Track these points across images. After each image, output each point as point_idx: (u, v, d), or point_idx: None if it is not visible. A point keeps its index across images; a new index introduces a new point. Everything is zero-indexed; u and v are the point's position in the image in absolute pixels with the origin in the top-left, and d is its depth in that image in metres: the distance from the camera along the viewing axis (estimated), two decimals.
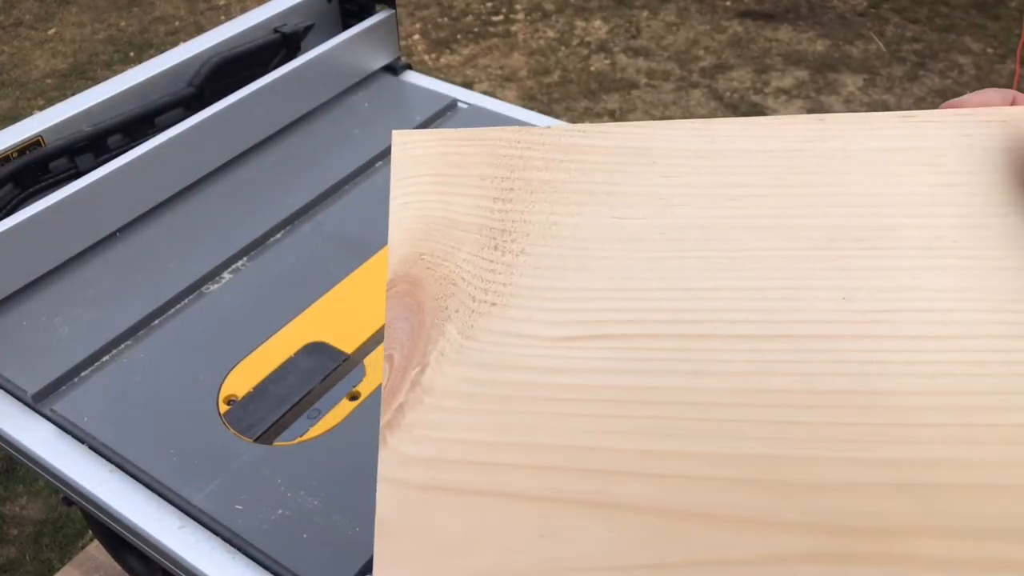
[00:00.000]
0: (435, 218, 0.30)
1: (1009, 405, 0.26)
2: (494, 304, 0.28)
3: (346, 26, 0.91)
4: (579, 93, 2.12)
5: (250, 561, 0.49)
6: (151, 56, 0.83)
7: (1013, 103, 0.30)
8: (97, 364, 0.62)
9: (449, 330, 0.28)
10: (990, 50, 2.20)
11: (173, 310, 0.66)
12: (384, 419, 0.27)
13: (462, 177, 0.30)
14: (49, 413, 0.58)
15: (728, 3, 2.44)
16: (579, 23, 2.40)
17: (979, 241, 0.28)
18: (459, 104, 0.88)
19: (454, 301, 0.29)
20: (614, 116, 2.03)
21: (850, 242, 0.28)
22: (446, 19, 2.44)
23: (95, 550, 1.09)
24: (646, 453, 0.26)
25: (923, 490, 0.25)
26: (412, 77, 0.92)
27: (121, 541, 0.64)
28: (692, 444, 0.26)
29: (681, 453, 0.26)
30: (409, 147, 0.31)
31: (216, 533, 0.51)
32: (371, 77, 0.91)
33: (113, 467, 0.55)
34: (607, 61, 2.23)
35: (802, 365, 0.27)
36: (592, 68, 2.21)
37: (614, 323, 0.28)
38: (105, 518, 0.54)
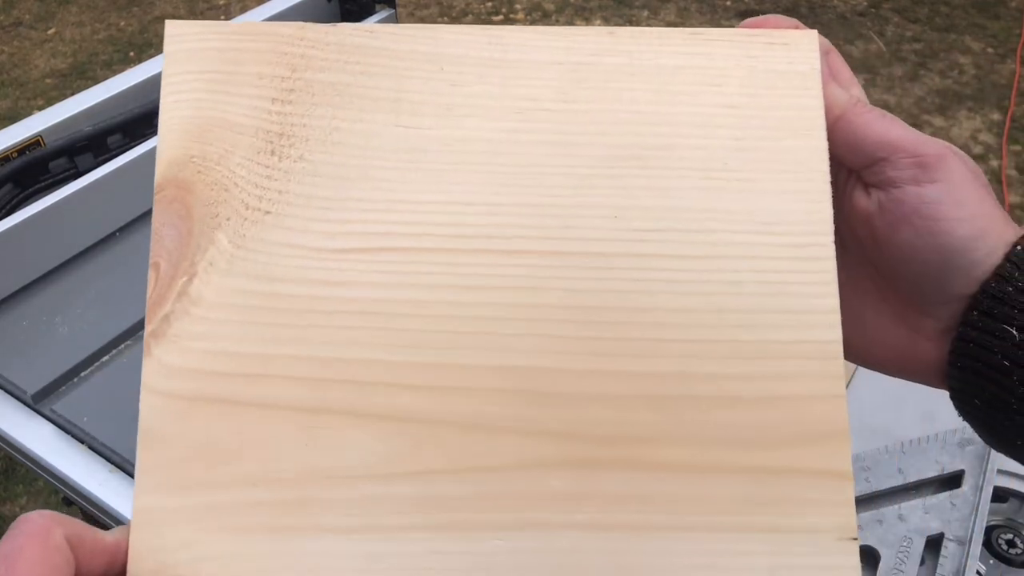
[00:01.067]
0: (208, 118, 0.28)
1: (757, 323, 0.27)
2: (268, 212, 0.27)
3: None
4: None
5: None
6: (151, 56, 0.83)
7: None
8: (97, 364, 0.62)
9: (219, 238, 0.27)
10: (990, 50, 2.20)
11: None
12: (149, 329, 0.27)
13: (239, 75, 0.28)
14: (49, 413, 0.58)
15: (728, 3, 2.44)
16: (579, 23, 2.40)
17: (751, 164, 0.28)
18: None
19: (226, 208, 0.27)
20: None
21: (629, 160, 0.28)
22: (446, 19, 2.44)
23: None
24: (414, 365, 0.26)
25: (672, 401, 0.26)
26: None
27: None
28: (459, 356, 0.26)
29: (448, 365, 0.26)
30: (183, 40, 0.29)
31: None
32: None
33: (113, 467, 0.55)
34: None
35: (571, 281, 0.27)
36: None
37: (391, 235, 0.27)
38: (105, 519, 0.54)
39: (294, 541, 0.25)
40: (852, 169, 0.29)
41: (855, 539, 0.26)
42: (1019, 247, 0.26)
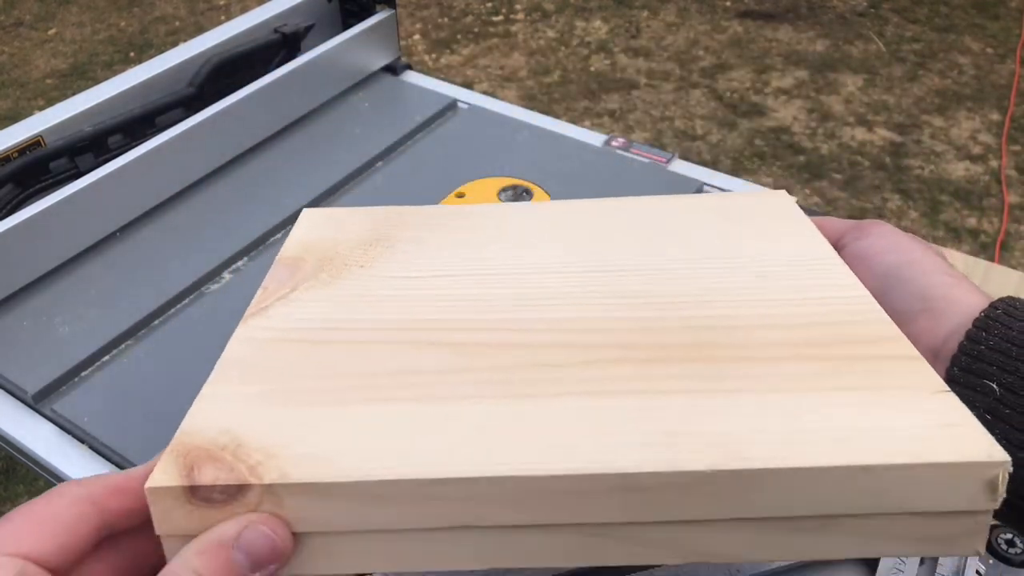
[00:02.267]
0: (323, 237, 0.43)
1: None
2: (362, 267, 0.39)
3: (346, 26, 0.91)
4: (579, 93, 2.12)
5: None
6: (151, 56, 0.83)
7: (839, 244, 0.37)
8: (97, 364, 0.62)
9: (321, 275, 0.38)
10: (990, 50, 2.20)
11: (174, 310, 0.66)
12: (249, 311, 0.36)
13: (346, 225, 0.44)
14: (49, 413, 0.58)
15: (728, 3, 2.44)
16: (579, 23, 2.40)
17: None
18: (459, 104, 0.88)
19: (330, 265, 0.39)
20: (614, 116, 2.03)
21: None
22: (446, 19, 2.44)
23: None
24: (486, 319, 0.34)
25: (728, 330, 0.33)
26: (412, 77, 0.92)
27: None
28: (532, 313, 0.34)
29: (518, 318, 0.34)
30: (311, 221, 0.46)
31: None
32: (371, 77, 0.91)
33: (113, 467, 0.55)
34: (607, 61, 2.23)
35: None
36: (592, 68, 2.21)
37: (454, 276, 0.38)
38: None
39: (358, 409, 0.29)
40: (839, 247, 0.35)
41: (948, 391, 0.28)
42: (985, 313, 0.29)
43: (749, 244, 0.38)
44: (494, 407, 0.28)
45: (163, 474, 0.26)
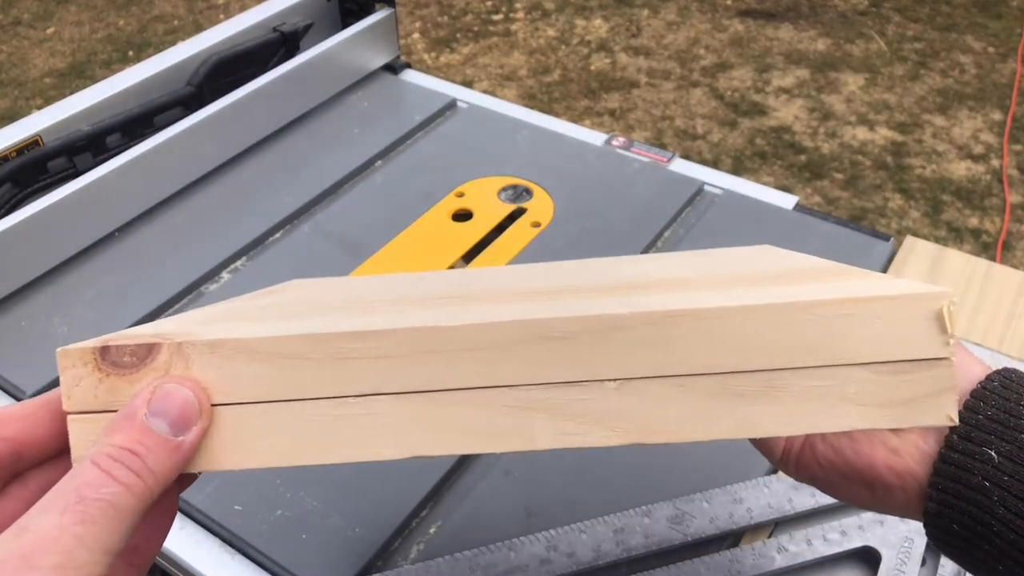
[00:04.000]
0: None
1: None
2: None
3: (345, 25, 0.91)
4: (579, 92, 2.12)
5: (249, 562, 0.49)
6: (150, 55, 0.82)
7: None
8: None
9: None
10: (991, 49, 2.20)
11: (172, 310, 0.66)
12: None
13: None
14: None
15: (729, 2, 2.43)
16: (579, 22, 2.39)
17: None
18: (459, 103, 0.88)
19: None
20: (614, 115, 2.03)
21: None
22: (446, 18, 2.44)
23: None
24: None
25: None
26: (411, 76, 0.92)
27: None
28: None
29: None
30: None
31: (215, 534, 0.50)
32: (370, 76, 0.90)
33: None
34: (607, 60, 2.23)
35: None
36: (592, 67, 2.20)
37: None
38: None
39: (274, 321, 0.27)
40: None
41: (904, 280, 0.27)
42: (982, 384, 0.29)
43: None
44: (409, 309, 0.28)
45: (76, 344, 0.26)
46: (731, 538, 0.49)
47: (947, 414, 0.25)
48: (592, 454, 0.54)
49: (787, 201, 0.73)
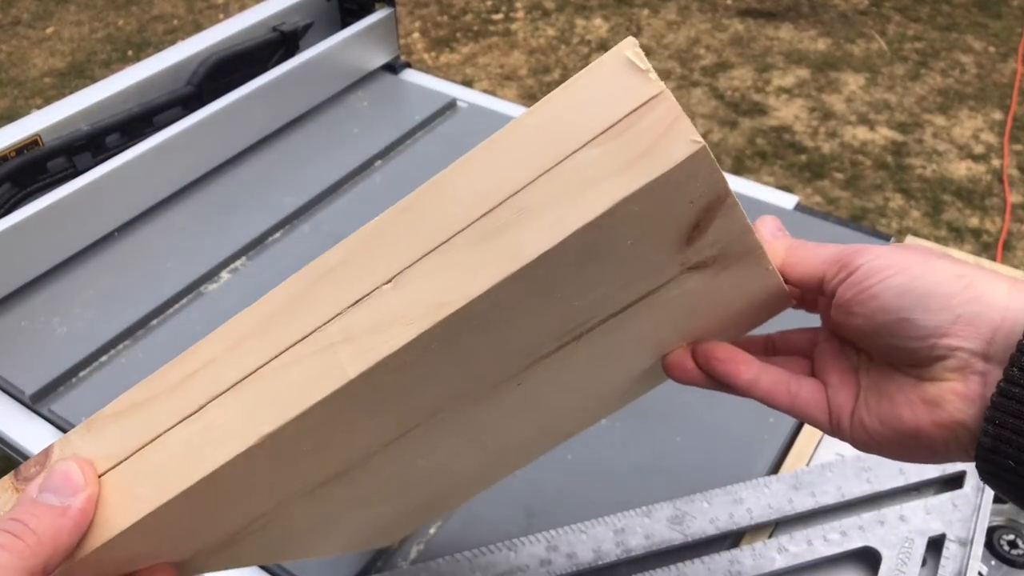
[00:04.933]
0: None
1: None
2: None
3: (345, 24, 0.91)
4: None
5: None
6: (149, 55, 0.82)
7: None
8: (95, 364, 0.61)
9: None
10: (992, 49, 2.20)
11: (171, 310, 0.66)
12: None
13: None
14: (47, 413, 0.58)
15: (729, 1, 2.43)
16: (579, 21, 2.39)
17: None
18: (459, 103, 0.88)
19: None
20: None
21: None
22: (446, 17, 2.44)
23: None
24: None
25: None
26: (411, 76, 0.92)
27: None
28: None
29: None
30: None
31: None
32: (370, 76, 0.90)
33: None
34: None
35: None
36: None
37: None
38: None
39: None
40: (819, 293, 0.33)
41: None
42: None
43: None
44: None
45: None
46: (731, 538, 0.49)
47: (689, 139, 0.24)
48: (592, 453, 0.54)
49: (788, 201, 0.73)
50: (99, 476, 0.27)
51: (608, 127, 0.24)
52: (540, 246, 0.24)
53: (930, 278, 0.29)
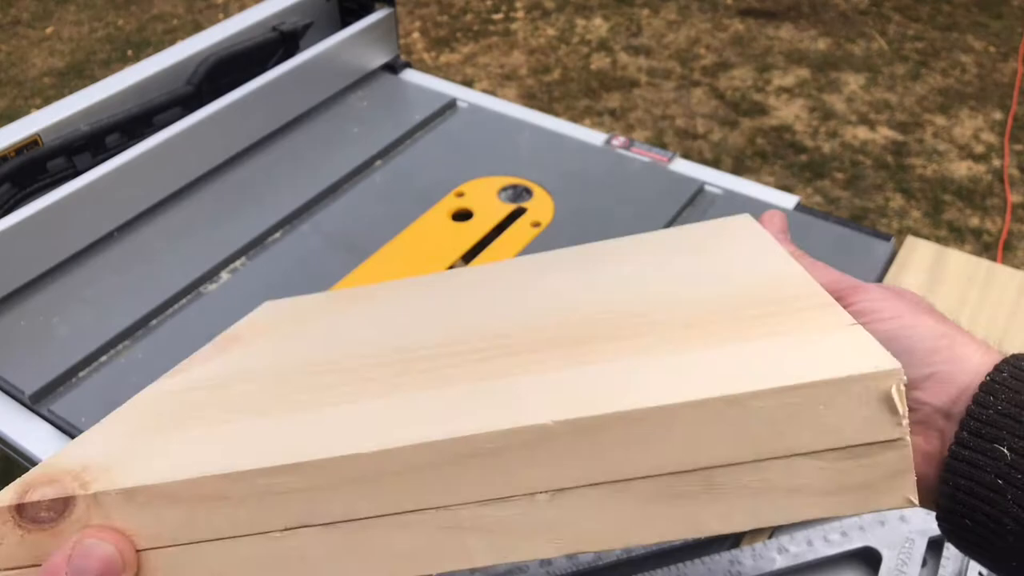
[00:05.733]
0: None
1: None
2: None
3: (345, 24, 0.90)
4: (580, 92, 2.11)
5: None
6: (149, 55, 0.82)
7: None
8: (95, 364, 0.61)
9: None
10: (992, 48, 2.20)
11: (171, 310, 0.66)
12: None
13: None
14: (47, 413, 0.58)
15: (729, 1, 2.43)
16: (579, 21, 2.39)
17: None
18: (459, 103, 0.88)
19: None
20: (615, 115, 2.02)
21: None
22: (446, 17, 2.44)
23: None
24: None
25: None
26: (411, 76, 0.92)
27: None
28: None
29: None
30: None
31: None
32: (370, 76, 0.90)
33: None
34: (608, 59, 2.22)
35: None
36: (593, 66, 2.20)
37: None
38: None
39: (188, 431, 0.29)
40: None
41: (855, 324, 0.26)
42: (990, 376, 0.28)
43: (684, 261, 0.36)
44: (329, 410, 0.27)
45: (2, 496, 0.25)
46: (732, 538, 0.49)
47: (905, 496, 0.23)
48: None
49: (788, 201, 0.73)
50: (138, 551, 0.24)
51: (838, 447, 0.23)
52: (720, 527, 0.23)
53: (917, 332, 0.30)
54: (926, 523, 0.48)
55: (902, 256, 0.67)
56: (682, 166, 0.78)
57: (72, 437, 0.57)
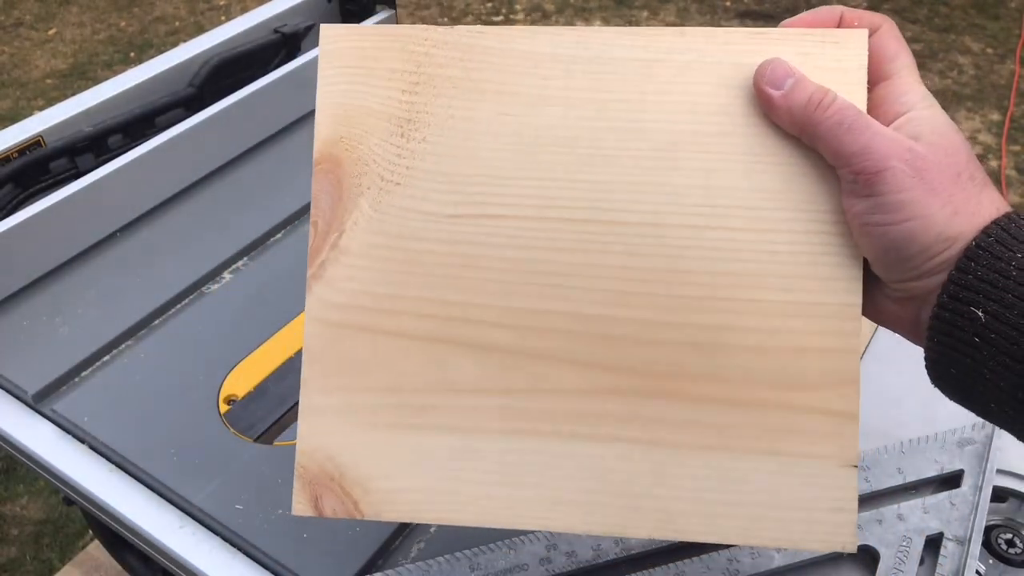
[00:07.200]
0: (352, 106, 0.36)
1: (790, 287, 0.33)
2: (398, 184, 0.35)
3: None
4: None
5: (250, 561, 0.49)
6: (151, 56, 0.83)
7: (841, 22, 0.35)
8: (97, 364, 0.62)
9: (362, 204, 0.35)
10: (990, 50, 2.20)
11: (173, 310, 0.66)
12: (310, 272, 0.35)
13: (377, 70, 0.36)
14: (49, 413, 0.58)
15: (728, 3, 2.44)
16: (579, 23, 2.40)
17: (790, 150, 0.33)
18: None
19: (367, 179, 0.35)
20: None
21: (689, 144, 0.34)
22: (446, 19, 2.44)
23: (95, 550, 1.09)
24: (506, 309, 0.34)
25: (710, 348, 0.33)
26: None
27: (121, 541, 0.64)
28: (542, 303, 0.34)
29: (533, 310, 0.34)
30: (334, 40, 0.37)
31: (216, 533, 0.51)
32: None
33: (113, 467, 0.55)
34: None
35: (631, 247, 0.34)
36: None
37: (492, 205, 0.35)
38: (105, 518, 0.54)
39: (412, 437, 0.35)
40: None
41: (855, 467, 0.32)
42: (976, 241, 0.30)
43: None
44: (513, 445, 0.35)
45: (300, 504, 0.35)
46: None
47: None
48: None
49: None
50: None
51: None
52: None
53: (932, 238, 0.30)
54: (923, 522, 0.49)
55: None
56: None
57: (74, 436, 0.57)
